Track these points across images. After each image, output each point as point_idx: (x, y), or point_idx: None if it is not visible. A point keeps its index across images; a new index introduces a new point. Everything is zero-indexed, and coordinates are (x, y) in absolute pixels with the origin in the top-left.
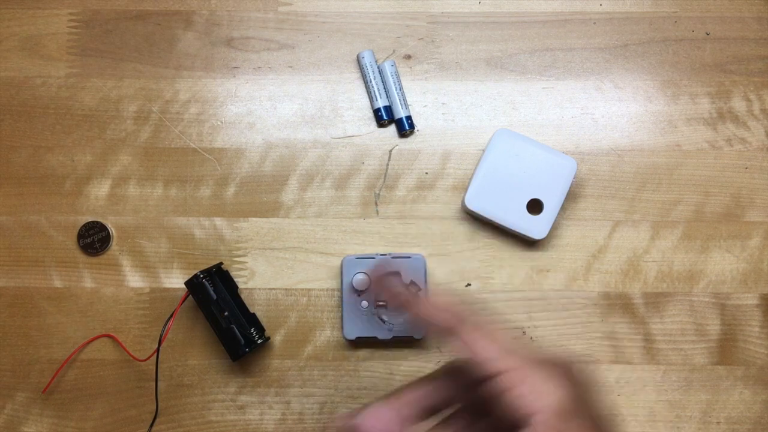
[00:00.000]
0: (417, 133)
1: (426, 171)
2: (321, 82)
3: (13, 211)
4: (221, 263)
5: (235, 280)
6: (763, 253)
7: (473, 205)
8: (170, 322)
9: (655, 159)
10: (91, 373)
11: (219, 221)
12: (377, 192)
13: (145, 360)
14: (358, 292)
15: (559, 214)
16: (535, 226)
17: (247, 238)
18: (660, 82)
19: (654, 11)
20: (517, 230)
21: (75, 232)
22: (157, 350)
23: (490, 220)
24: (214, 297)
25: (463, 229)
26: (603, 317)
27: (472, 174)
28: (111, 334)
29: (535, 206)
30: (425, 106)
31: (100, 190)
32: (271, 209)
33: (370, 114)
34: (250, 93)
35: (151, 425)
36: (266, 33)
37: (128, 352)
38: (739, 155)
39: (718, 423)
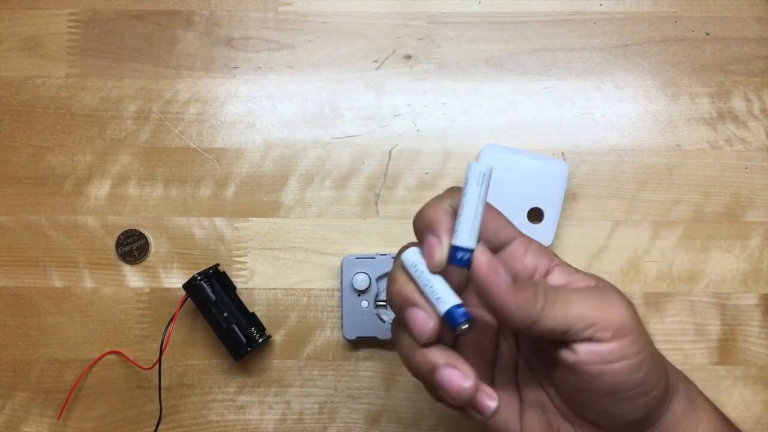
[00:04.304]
0: (417, 133)
1: (426, 171)
2: (321, 82)
3: (13, 211)
4: (218, 264)
5: (236, 280)
6: (763, 253)
7: None
8: (170, 328)
9: (655, 159)
10: (91, 373)
11: (219, 221)
12: (377, 192)
13: (149, 369)
14: (358, 292)
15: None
16: (539, 235)
17: (247, 238)
18: (660, 82)
19: (654, 11)
20: None
21: (74, 232)
22: (159, 360)
23: None
24: (213, 298)
25: None
26: None
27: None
28: (118, 350)
29: (535, 215)
30: (425, 106)
31: (100, 190)
32: (271, 209)
33: (370, 114)
34: (250, 93)
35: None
36: (266, 33)
37: (135, 364)
38: (739, 155)
39: None
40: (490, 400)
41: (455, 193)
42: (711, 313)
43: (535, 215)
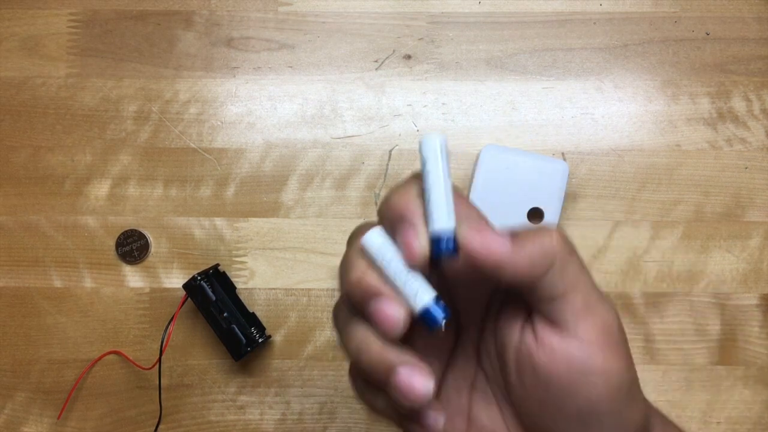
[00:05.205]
0: (417, 133)
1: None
2: (321, 82)
3: (13, 211)
4: (218, 264)
5: (236, 280)
6: (763, 253)
7: None
8: (170, 328)
9: (655, 159)
10: (91, 373)
11: (219, 221)
12: (377, 192)
13: (149, 369)
14: None
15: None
16: None
17: (247, 238)
18: (660, 82)
19: (654, 11)
20: None
21: (74, 232)
22: (159, 360)
23: None
24: (213, 298)
25: None
26: None
27: (468, 195)
28: (118, 350)
29: (535, 215)
30: (425, 106)
31: (100, 190)
32: (271, 209)
33: (370, 114)
34: (250, 93)
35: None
36: (266, 33)
37: (135, 364)
38: (739, 155)
39: (718, 423)
40: (437, 416)
41: (420, 178)
42: (711, 313)
43: (535, 215)
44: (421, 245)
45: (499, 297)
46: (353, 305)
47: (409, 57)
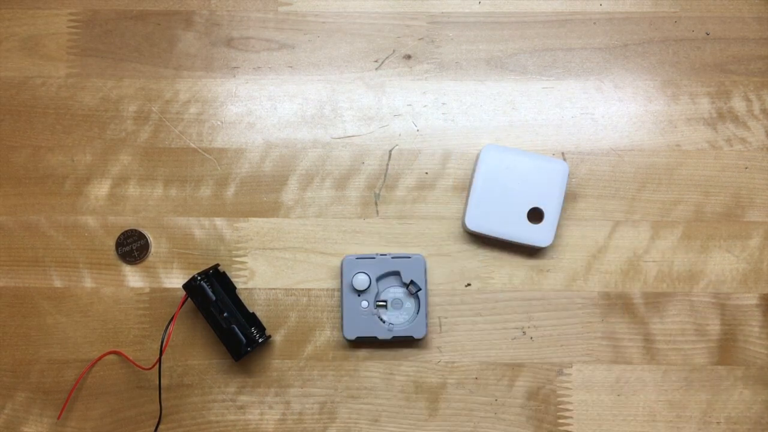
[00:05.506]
0: (417, 133)
1: (426, 171)
2: (321, 82)
3: (13, 211)
4: (218, 264)
5: (236, 280)
6: (763, 253)
7: (475, 226)
8: (170, 328)
9: (655, 159)
10: (91, 373)
11: (219, 221)
12: (377, 192)
13: (149, 369)
14: (358, 292)
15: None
16: (539, 235)
17: (247, 238)
18: (660, 82)
19: (654, 11)
20: (523, 242)
21: (74, 232)
22: (159, 360)
23: (495, 237)
24: (213, 298)
25: (462, 229)
26: (603, 317)
27: (468, 195)
28: (118, 350)
29: (535, 215)
30: (425, 106)
31: (100, 190)
32: (271, 209)
33: (370, 114)
34: (250, 93)
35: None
36: (266, 33)
37: (135, 364)
38: (739, 155)
39: (718, 423)
40: None
41: None
42: (711, 313)
43: (535, 215)
44: None
45: None
46: None
47: (409, 57)
